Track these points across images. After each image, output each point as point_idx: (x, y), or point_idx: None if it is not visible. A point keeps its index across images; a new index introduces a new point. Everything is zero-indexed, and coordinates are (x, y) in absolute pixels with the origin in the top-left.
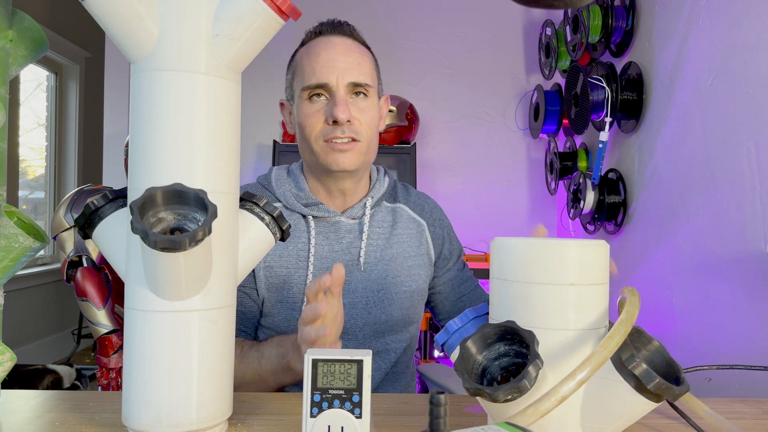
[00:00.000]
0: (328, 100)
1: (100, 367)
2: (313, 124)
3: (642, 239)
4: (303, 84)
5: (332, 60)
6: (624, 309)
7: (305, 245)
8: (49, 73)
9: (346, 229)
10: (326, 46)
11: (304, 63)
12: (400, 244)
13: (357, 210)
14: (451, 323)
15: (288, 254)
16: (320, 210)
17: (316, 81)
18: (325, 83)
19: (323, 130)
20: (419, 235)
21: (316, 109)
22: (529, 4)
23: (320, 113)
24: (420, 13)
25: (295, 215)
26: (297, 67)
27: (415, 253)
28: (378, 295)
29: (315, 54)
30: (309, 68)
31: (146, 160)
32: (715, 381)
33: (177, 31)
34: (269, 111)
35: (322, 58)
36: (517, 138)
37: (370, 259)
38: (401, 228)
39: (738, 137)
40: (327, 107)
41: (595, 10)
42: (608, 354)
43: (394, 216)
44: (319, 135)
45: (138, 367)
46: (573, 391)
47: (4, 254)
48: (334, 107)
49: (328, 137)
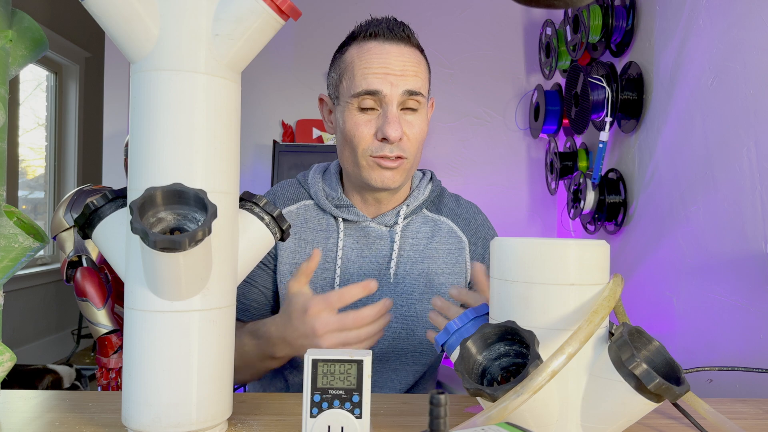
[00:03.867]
0: (378, 111)
1: (100, 367)
2: (361, 137)
3: (642, 239)
4: (353, 90)
5: (386, 67)
6: (606, 287)
7: (334, 246)
8: (49, 73)
9: (376, 235)
10: (380, 51)
11: (355, 66)
12: (435, 260)
13: (389, 217)
14: (451, 323)
15: None
16: (350, 213)
17: (368, 88)
18: (377, 90)
19: (371, 145)
20: (458, 253)
21: (365, 120)
22: (529, 3)
23: (370, 126)
24: (420, 13)
25: (327, 216)
26: (347, 68)
27: (450, 271)
28: (402, 311)
29: (368, 59)
30: (361, 72)
31: (146, 160)
32: (716, 381)
33: (177, 31)
34: (269, 111)
35: (375, 65)
36: (517, 138)
37: (400, 270)
38: (439, 242)
39: (738, 137)
40: (377, 121)
41: (595, 10)
42: (594, 328)
43: (433, 228)
44: (367, 150)
45: (138, 367)
46: (563, 365)
47: (4, 254)
48: (386, 124)
49: (376, 154)
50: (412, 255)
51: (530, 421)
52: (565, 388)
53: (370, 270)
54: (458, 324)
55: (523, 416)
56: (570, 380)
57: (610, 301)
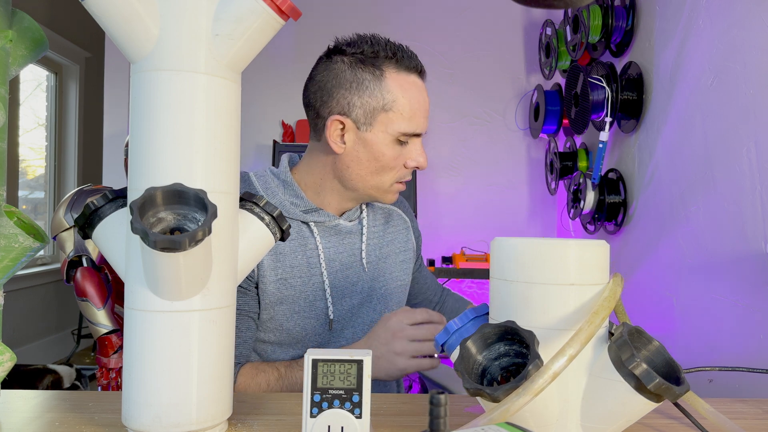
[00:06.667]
0: (409, 143)
1: (100, 367)
2: (394, 166)
3: (642, 239)
4: (405, 129)
5: (427, 110)
6: (606, 287)
7: (314, 251)
8: (49, 73)
9: (347, 230)
10: (423, 93)
11: (404, 103)
12: (393, 243)
13: (354, 212)
14: (451, 323)
15: (299, 263)
16: (320, 215)
17: (418, 130)
18: (421, 134)
19: (400, 173)
20: (406, 232)
21: (401, 151)
22: (529, 4)
23: (403, 156)
24: (420, 13)
25: (295, 223)
26: (395, 102)
27: (404, 248)
28: (380, 293)
29: (416, 99)
30: (413, 114)
31: (146, 160)
32: (716, 381)
33: (177, 31)
34: (269, 111)
35: (423, 106)
36: (517, 138)
37: (370, 258)
38: (393, 226)
39: (738, 137)
40: (410, 152)
41: (595, 10)
42: (595, 329)
43: (386, 215)
44: (396, 177)
45: (138, 367)
46: (564, 366)
47: (4, 254)
48: (419, 155)
49: (403, 180)
50: (375, 242)
51: (530, 421)
52: (565, 388)
53: (348, 263)
54: (458, 324)
55: (523, 416)
56: (570, 380)
57: (610, 301)
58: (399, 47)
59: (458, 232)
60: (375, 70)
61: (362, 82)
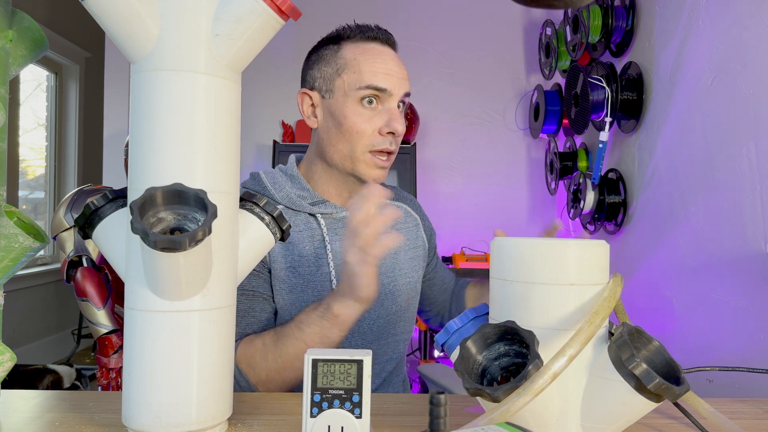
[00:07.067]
0: (378, 108)
1: (100, 367)
2: (363, 131)
3: (642, 239)
4: (359, 84)
5: (391, 68)
6: (606, 287)
7: (321, 242)
8: (49, 73)
9: None
10: (383, 54)
11: (360, 62)
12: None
13: None
14: (451, 323)
15: (307, 254)
16: (327, 207)
17: (377, 84)
18: (385, 88)
19: (374, 140)
20: (416, 229)
21: (369, 115)
22: (529, 4)
23: (374, 121)
24: (420, 13)
25: (302, 215)
26: (348, 64)
27: (413, 245)
28: (388, 288)
29: (373, 58)
30: (369, 69)
31: (146, 160)
32: (716, 381)
33: (177, 31)
34: (269, 111)
35: (381, 65)
36: (517, 138)
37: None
38: (401, 222)
39: (738, 137)
40: (381, 117)
41: (595, 10)
42: (595, 329)
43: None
44: (368, 145)
45: (138, 367)
46: (564, 367)
47: (4, 254)
48: (393, 120)
49: (378, 148)
50: (382, 236)
51: (530, 421)
52: (565, 388)
53: None
54: (458, 324)
55: (523, 416)
56: (570, 380)
57: (610, 301)
58: (365, 26)
59: (458, 232)
60: (334, 45)
61: (322, 57)
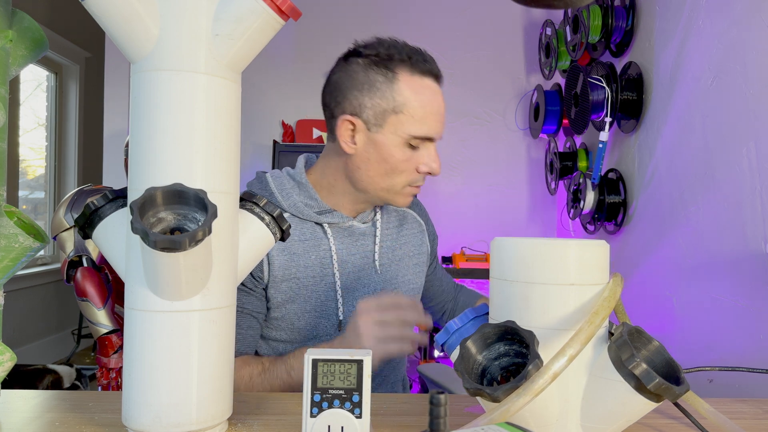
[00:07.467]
0: (421, 148)
1: (100, 367)
2: (406, 170)
3: (642, 239)
4: (416, 132)
5: (442, 115)
6: (606, 287)
7: (327, 251)
8: (49, 73)
9: (360, 232)
10: (437, 98)
11: (416, 107)
12: (407, 245)
13: (368, 214)
14: (451, 323)
15: (312, 263)
16: (334, 216)
17: (429, 134)
18: (434, 137)
19: (413, 177)
20: (421, 235)
21: (412, 155)
22: (529, 4)
23: (415, 160)
24: (420, 13)
25: (309, 224)
26: (405, 104)
27: (417, 252)
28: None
29: (429, 103)
30: (424, 116)
31: (146, 160)
32: (716, 381)
33: (177, 31)
34: (269, 111)
35: (436, 110)
36: (517, 138)
37: (383, 260)
38: (407, 229)
39: (738, 137)
40: (422, 157)
41: (595, 10)
42: (595, 329)
43: (400, 217)
44: (408, 181)
45: (138, 367)
46: (564, 367)
47: (4, 254)
48: (432, 161)
49: (416, 184)
50: (389, 244)
51: (530, 421)
52: (565, 388)
53: (361, 265)
54: (458, 324)
55: (523, 416)
56: (570, 380)
57: (610, 301)
58: (416, 50)
59: (458, 232)
60: (388, 72)
61: (374, 84)
